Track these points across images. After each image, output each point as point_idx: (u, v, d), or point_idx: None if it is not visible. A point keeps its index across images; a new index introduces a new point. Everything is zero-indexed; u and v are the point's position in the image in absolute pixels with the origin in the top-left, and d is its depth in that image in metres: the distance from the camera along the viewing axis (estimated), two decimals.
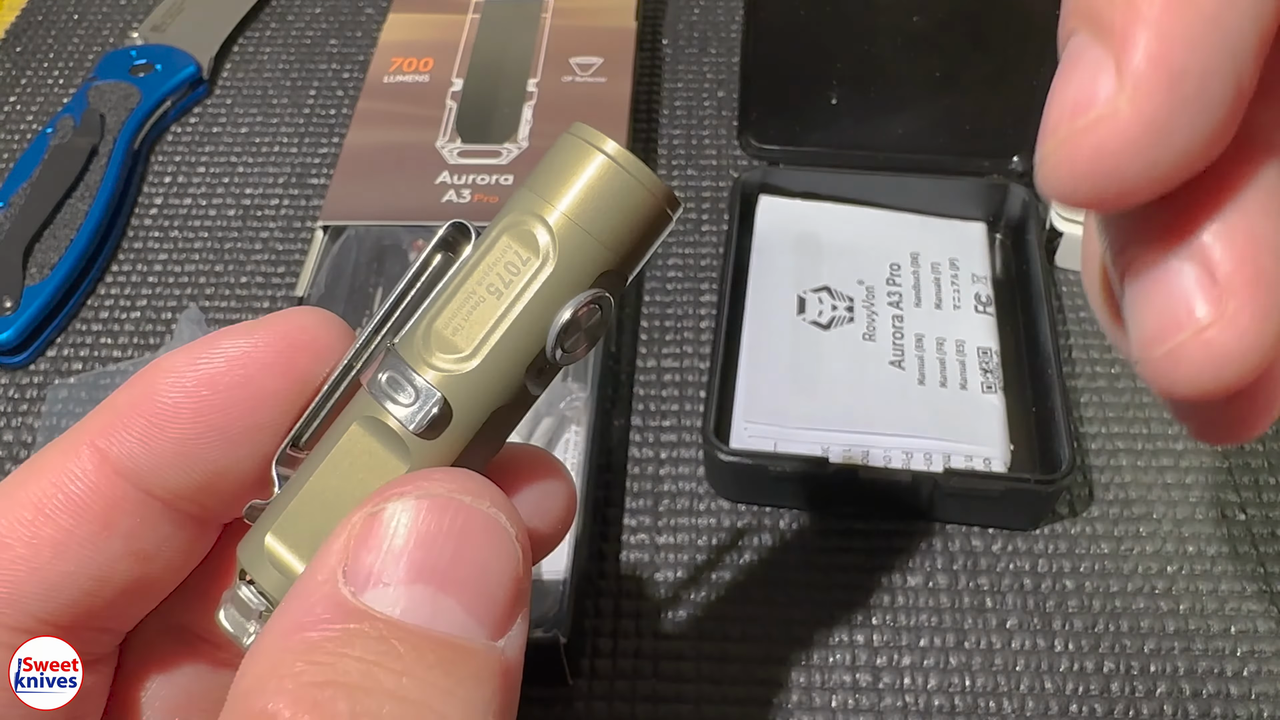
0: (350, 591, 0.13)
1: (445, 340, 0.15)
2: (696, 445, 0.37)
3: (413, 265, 0.16)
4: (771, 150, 0.43)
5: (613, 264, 0.16)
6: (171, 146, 0.47)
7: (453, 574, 0.14)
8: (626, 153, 0.16)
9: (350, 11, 0.53)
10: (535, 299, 0.15)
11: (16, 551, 0.15)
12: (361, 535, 0.14)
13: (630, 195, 0.15)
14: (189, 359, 0.16)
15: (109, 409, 0.16)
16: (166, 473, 0.16)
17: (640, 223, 0.16)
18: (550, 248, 0.15)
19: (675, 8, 0.53)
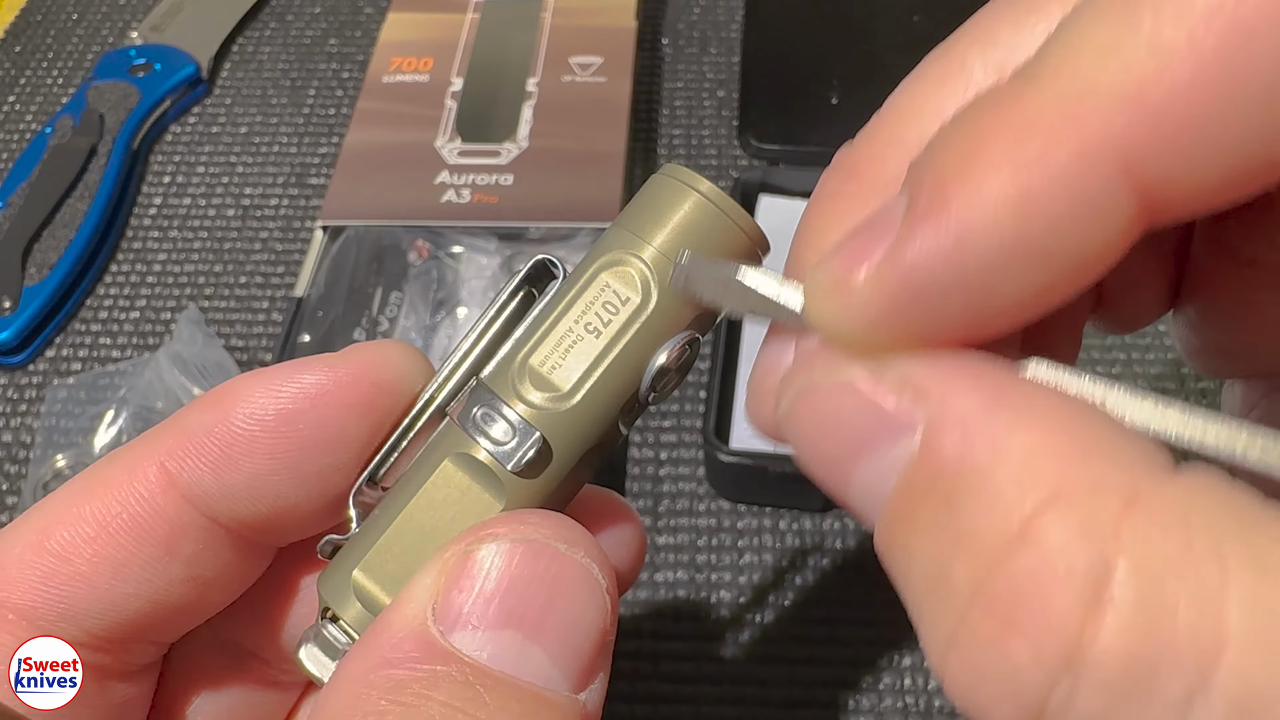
0: (439, 631, 0.13)
1: (541, 377, 0.15)
2: (696, 445, 0.37)
3: (497, 299, 0.16)
4: (771, 150, 0.43)
5: (707, 305, 0.15)
6: (171, 146, 0.47)
7: (543, 623, 0.13)
8: (722, 193, 0.15)
9: (350, 11, 0.53)
10: (634, 339, 0.15)
11: (77, 568, 0.15)
12: (454, 574, 0.14)
13: (725, 236, 0.15)
14: (268, 390, 0.16)
15: (180, 429, 0.16)
16: (234, 503, 0.16)
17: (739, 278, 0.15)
18: (650, 288, 0.15)
19: (675, 8, 0.52)
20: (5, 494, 0.37)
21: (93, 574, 0.15)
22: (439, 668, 0.13)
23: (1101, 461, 0.10)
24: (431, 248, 0.40)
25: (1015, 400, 0.11)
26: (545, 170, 0.42)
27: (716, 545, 0.34)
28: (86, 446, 0.37)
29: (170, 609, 0.16)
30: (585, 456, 0.15)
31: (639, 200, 0.16)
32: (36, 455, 0.37)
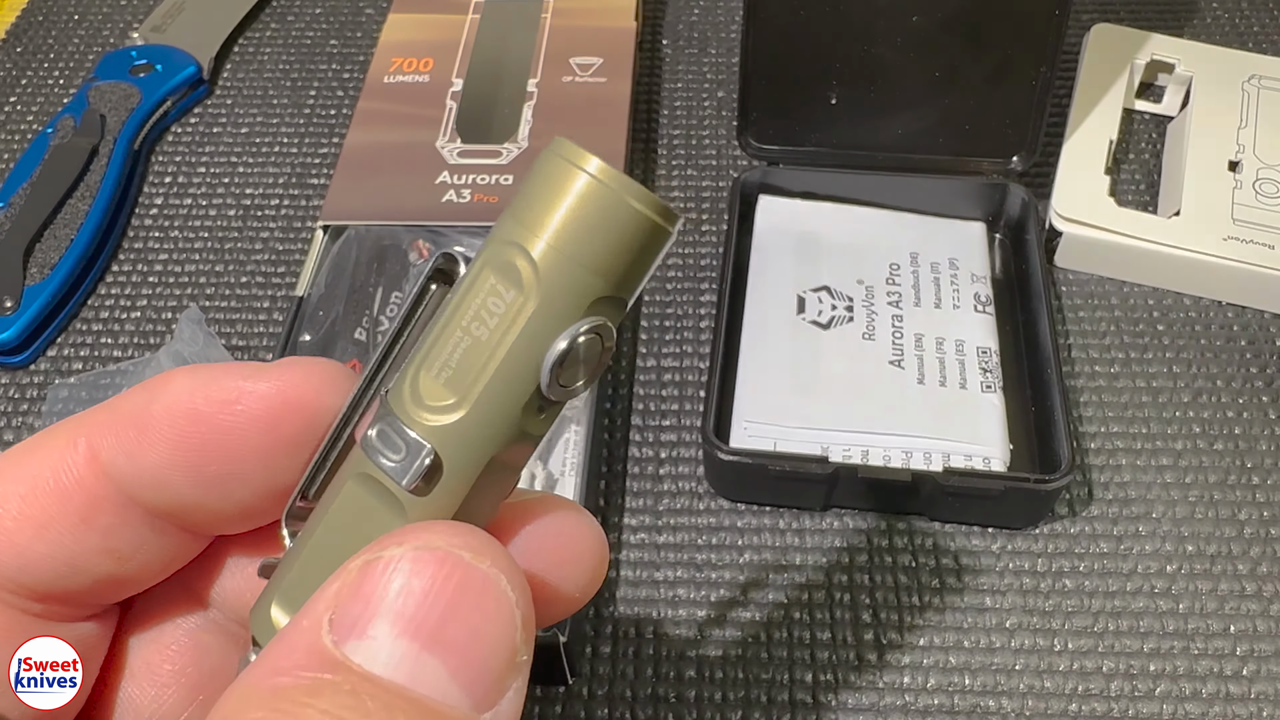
0: (332, 640, 0.13)
1: (432, 388, 0.14)
2: (696, 445, 0.37)
3: (405, 303, 0.15)
4: (771, 150, 0.43)
5: (606, 290, 0.14)
6: (172, 147, 0.47)
7: (441, 634, 0.13)
8: (610, 169, 0.14)
9: (350, 11, 0.53)
10: (522, 337, 0.14)
11: (3, 524, 0.16)
12: (354, 584, 0.13)
13: (618, 214, 0.14)
14: (190, 386, 0.16)
15: (110, 408, 0.16)
16: (143, 487, 0.16)
17: (632, 242, 0.14)
18: (533, 280, 0.14)
19: (675, 8, 0.53)
20: None
21: (16, 530, 0.16)
22: (325, 676, 0.12)
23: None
24: (432, 248, 0.40)
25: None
26: None
27: (716, 545, 0.34)
28: None
29: (89, 577, 0.16)
30: (491, 465, 0.15)
31: (525, 183, 0.15)
32: None
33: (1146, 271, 0.41)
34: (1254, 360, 0.39)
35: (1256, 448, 0.36)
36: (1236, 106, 0.44)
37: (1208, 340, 0.39)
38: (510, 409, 0.14)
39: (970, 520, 0.34)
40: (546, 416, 0.15)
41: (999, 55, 0.40)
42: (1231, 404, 0.37)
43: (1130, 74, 0.46)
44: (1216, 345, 0.39)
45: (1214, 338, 0.39)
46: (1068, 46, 0.43)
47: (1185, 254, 0.39)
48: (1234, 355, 0.39)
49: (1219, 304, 0.40)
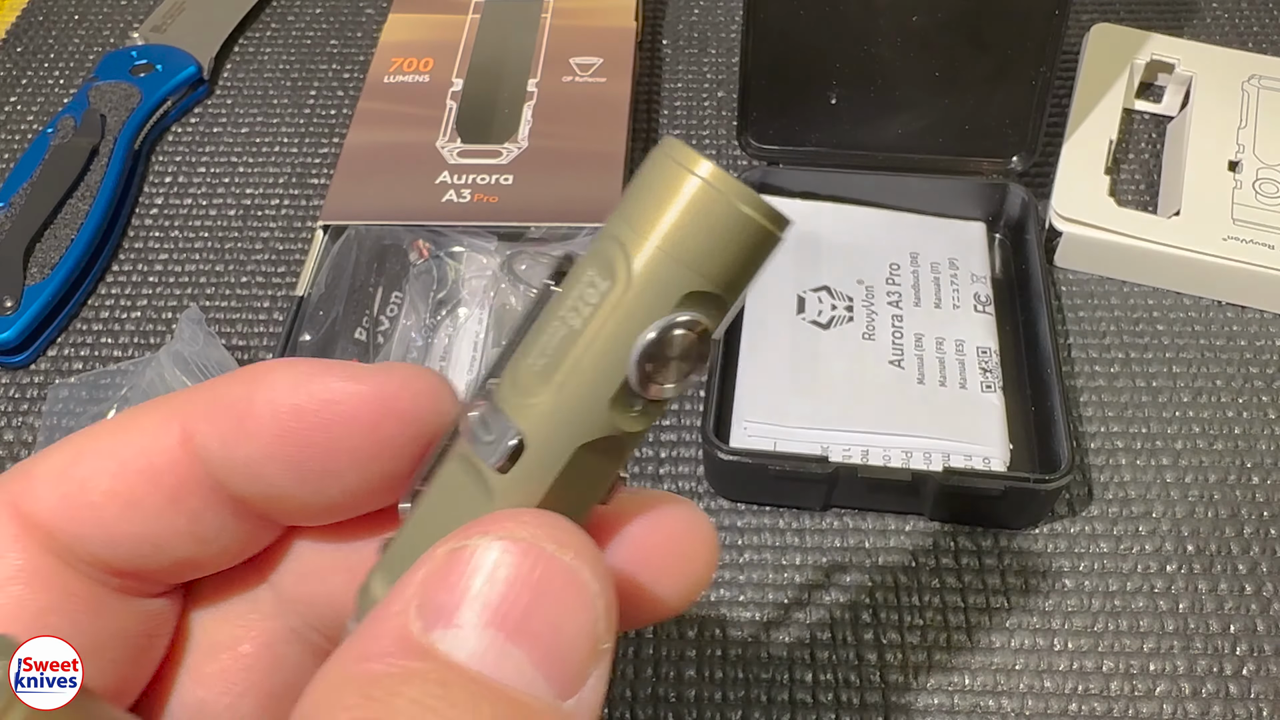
0: (420, 628, 0.13)
1: (527, 375, 0.15)
2: (696, 445, 0.37)
3: (529, 303, 0.15)
4: (771, 150, 0.43)
5: (702, 285, 0.14)
6: (172, 146, 0.47)
7: (525, 625, 0.13)
8: (724, 174, 0.14)
9: (350, 12, 0.53)
10: (610, 325, 0.14)
11: (92, 499, 0.16)
12: (441, 571, 0.13)
13: (716, 210, 0.14)
14: (292, 382, 0.16)
15: (209, 395, 0.16)
16: (237, 476, 0.16)
17: (735, 243, 0.14)
18: (626, 271, 0.14)
19: (675, 8, 0.53)
20: None
21: (104, 505, 0.16)
22: (413, 664, 0.13)
23: None
24: (432, 248, 0.40)
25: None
26: (545, 170, 0.42)
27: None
28: None
29: (169, 556, 0.17)
30: (579, 455, 0.15)
31: (635, 183, 0.15)
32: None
33: (1146, 271, 0.41)
34: (1254, 360, 0.39)
35: (1256, 448, 0.36)
36: (1236, 106, 0.44)
37: (1208, 340, 0.39)
38: (596, 399, 0.14)
39: (970, 520, 0.34)
40: (640, 415, 0.15)
41: (999, 55, 0.40)
42: (1231, 404, 0.37)
43: (1130, 74, 0.46)
44: (1216, 345, 0.39)
45: (1214, 338, 0.39)
46: (1068, 46, 0.43)
47: (1185, 254, 0.39)
48: (1234, 355, 0.39)
49: (1219, 304, 0.40)
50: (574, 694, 0.13)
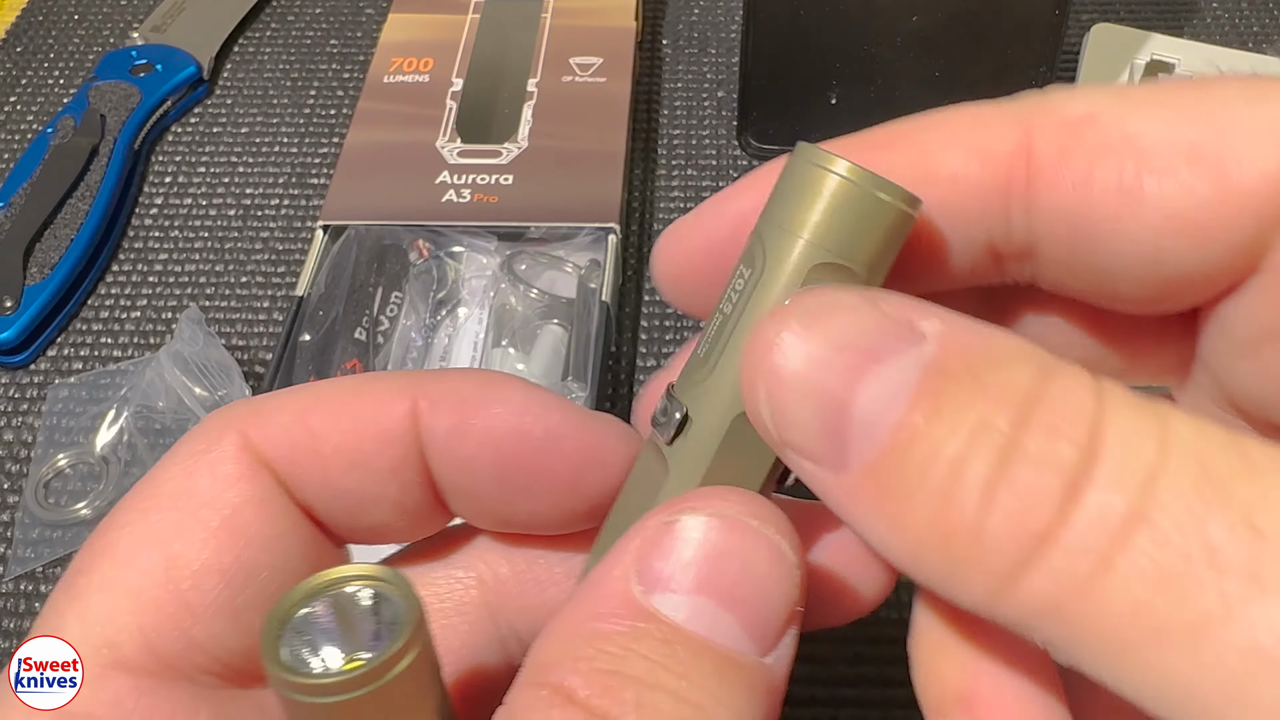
0: (641, 591, 0.14)
1: (694, 362, 0.16)
2: None
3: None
4: (771, 150, 0.43)
5: (825, 257, 0.15)
6: (172, 146, 0.47)
7: (734, 592, 0.14)
8: (859, 168, 0.15)
9: (350, 11, 0.53)
10: (751, 303, 0.16)
11: (321, 450, 0.17)
12: (654, 540, 0.14)
13: (874, 211, 0.15)
14: (524, 404, 0.18)
15: (445, 383, 0.18)
16: (446, 465, 0.18)
17: (853, 217, 0.15)
18: (762, 255, 0.16)
19: (675, 8, 0.53)
20: (6, 493, 0.37)
21: (331, 460, 0.17)
22: (640, 624, 0.14)
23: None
24: (432, 247, 0.40)
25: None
26: (545, 170, 0.42)
27: None
28: (88, 446, 0.37)
29: (370, 520, 0.18)
30: (737, 424, 0.16)
31: (776, 189, 0.16)
32: (38, 454, 0.37)
33: None
34: None
35: None
36: None
37: None
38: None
39: None
40: None
41: (999, 55, 0.40)
42: None
43: (1130, 74, 0.46)
44: None
45: None
46: (1068, 46, 0.43)
47: None
48: None
49: None
50: (773, 652, 0.15)
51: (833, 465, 0.14)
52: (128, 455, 0.36)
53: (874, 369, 0.13)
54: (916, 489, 0.13)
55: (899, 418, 0.13)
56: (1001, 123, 0.16)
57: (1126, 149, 0.14)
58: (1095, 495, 0.12)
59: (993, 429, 0.12)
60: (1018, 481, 0.12)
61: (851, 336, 0.13)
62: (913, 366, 0.13)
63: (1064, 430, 0.12)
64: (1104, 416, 0.12)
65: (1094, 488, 0.12)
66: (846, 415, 0.13)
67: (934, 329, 0.13)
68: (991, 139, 0.16)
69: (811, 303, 0.14)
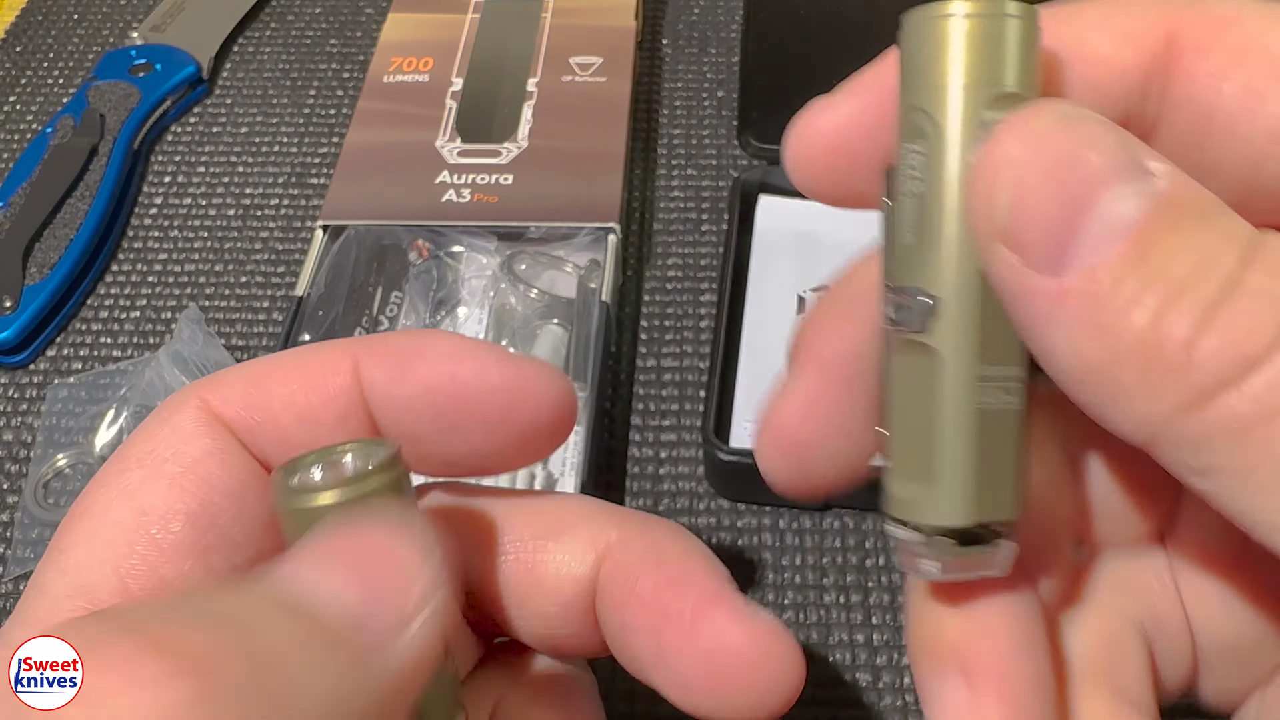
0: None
1: (906, 252, 0.16)
2: (696, 445, 0.37)
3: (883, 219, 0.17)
4: (771, 150, 0.43)
5: (997, 91, 0.15)
6: (171, 146, 0.47)
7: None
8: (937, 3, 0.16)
9: (350, 11, 0.53)
10: (945, 169, 0.15)
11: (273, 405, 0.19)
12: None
13: (960, 29, 0.15)
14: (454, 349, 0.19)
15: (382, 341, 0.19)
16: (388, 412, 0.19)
17: (995, 44, 0.15)
18: (929, 120, 0.15)
19: (675, 8, 0.53)
20: (6, 493, 0.37)
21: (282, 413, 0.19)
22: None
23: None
24: (432, 247, 0.40)
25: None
26: (545, 170, 0.42)
27: (716, 544, 0.34)
28: (87, 446, 0.37)
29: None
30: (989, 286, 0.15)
31: (906, 61, 0.16)
32: (37, 455, 0.37)
33: None
34: None
35: None
36: None
37: None
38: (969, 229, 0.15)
39: None
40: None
41: None
42: None
43: None
44: None
45: None
46: None
47: None
48: None
49: None
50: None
51: (1049, 267, 0.14)
52: None
53: (1116, 182, 0.13)
54: (1136, 302, 0.13)
55: (1137, 229, 0.13)
56: (1151, 10, 0.16)
57: (1262, 55, 0.15)
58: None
59: (1220, 263, 0.13)
60: (1240, 309, 0.13)
61: (1099, 146, 0.14)
62: (1149, 193, 0.13)
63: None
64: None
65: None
66: (1084, 218, 0.13)
67: (1162, 170, 0.14)
68: (1141, 26, 0.16)
69: (1054, 109, 0.14)
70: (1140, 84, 0.16)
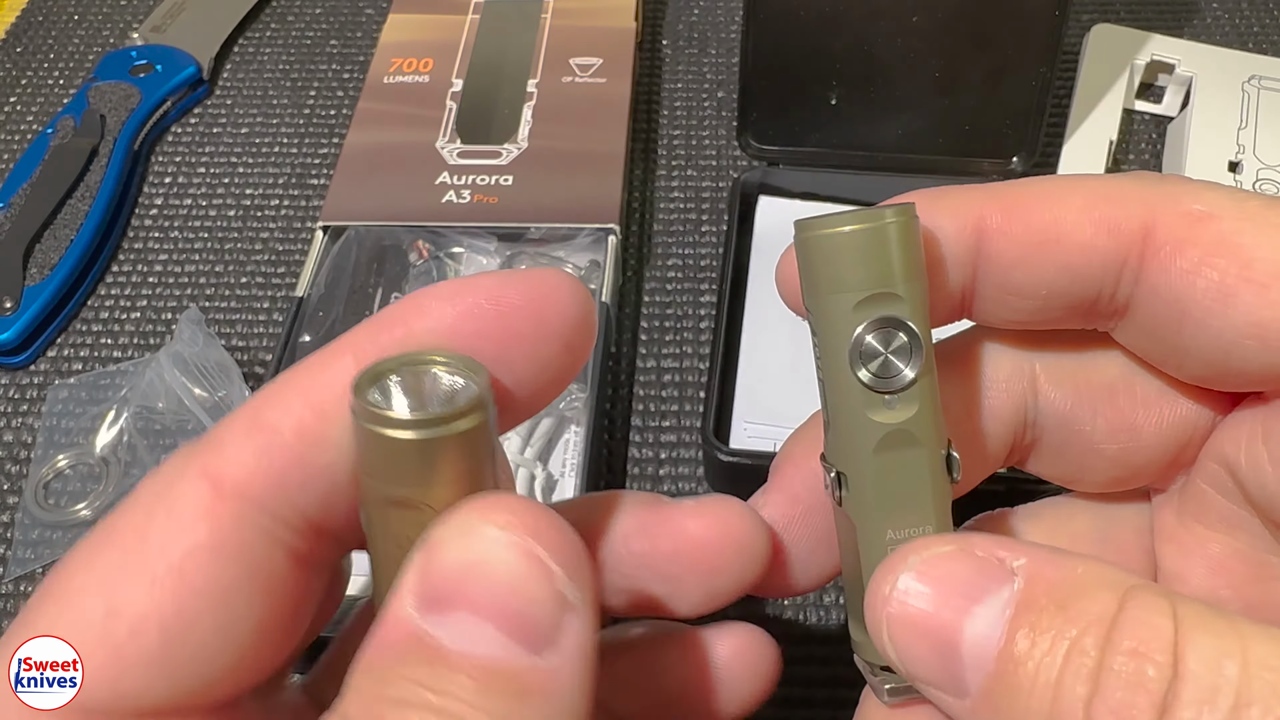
0: (415, 616, 0.15)
1: (826, 427, 0.19)
2: (696, 445, 0.37)
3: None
4: (771, 150, 0.43)
5: (857, 296, 0.17)
6: (171, 147, 0.47)
7: (490, 601, 0.15)
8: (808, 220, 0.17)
9: (350, 12, 0.53)
10: (826, 369, 0.18)
11: (285, 439, 0.17)
12: (420, 566, 0.15)
13: (815, 244, 0.17)
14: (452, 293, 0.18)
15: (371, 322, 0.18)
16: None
17: (853, 254, 0.17)
18: (815, 322, 0.18)
19: (675, 8, 0.53)
20: (6, 494, 0.37)
21: (295, 444, 0.17)
22: (408, 649, 0.15)
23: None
24: (432, 248, 0.40)
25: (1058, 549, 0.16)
26: (545, 171, 0.42)
27: None
28: (88, 446, 0.37)
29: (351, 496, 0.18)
30: (879, 458, 0.18)
31: (799, 267, 0.18)
32: (38, 455, 0.37)
33: None
34: None
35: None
36: (1237, 107, 0.44)
37: None
38: (854, 412, 0.18)
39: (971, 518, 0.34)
40: (901, 405, 0.18)
41: (999, 55, 0.40)
42: None
43: (1130, 74, 0.46)
44: None
45: None
46: (1068, 46, 0.43)
47: None
48: None
49: None
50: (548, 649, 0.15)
51: (955, 692, 0.15)
52: (128, 456, 0.36)
53: (974, 608, 0.15)
54: (1026, 709, 0.14)
55: (1000, 648, 0.15)
56: (1130, 202, 0.17)
57: (1234, 256, 0.16)
58: (1185, 713, 0.13)
59: (1083, 652, 0.14)
60: (1111, 699, 0.14)
61: (952, 582, 0.16)
62: (1007, 603, 0.15)
63: (1146, 652, 0.14)
64: (1183, 637, 0.14)
65: (1183, 706, 0.13)
66: (958, 649, 0.15)
67: (1022, 565, 0.15)
68: (1121, 216, 0.17)
69: (912, 556, 0.16)
70: (1115, 270, 0.18)
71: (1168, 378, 0.19)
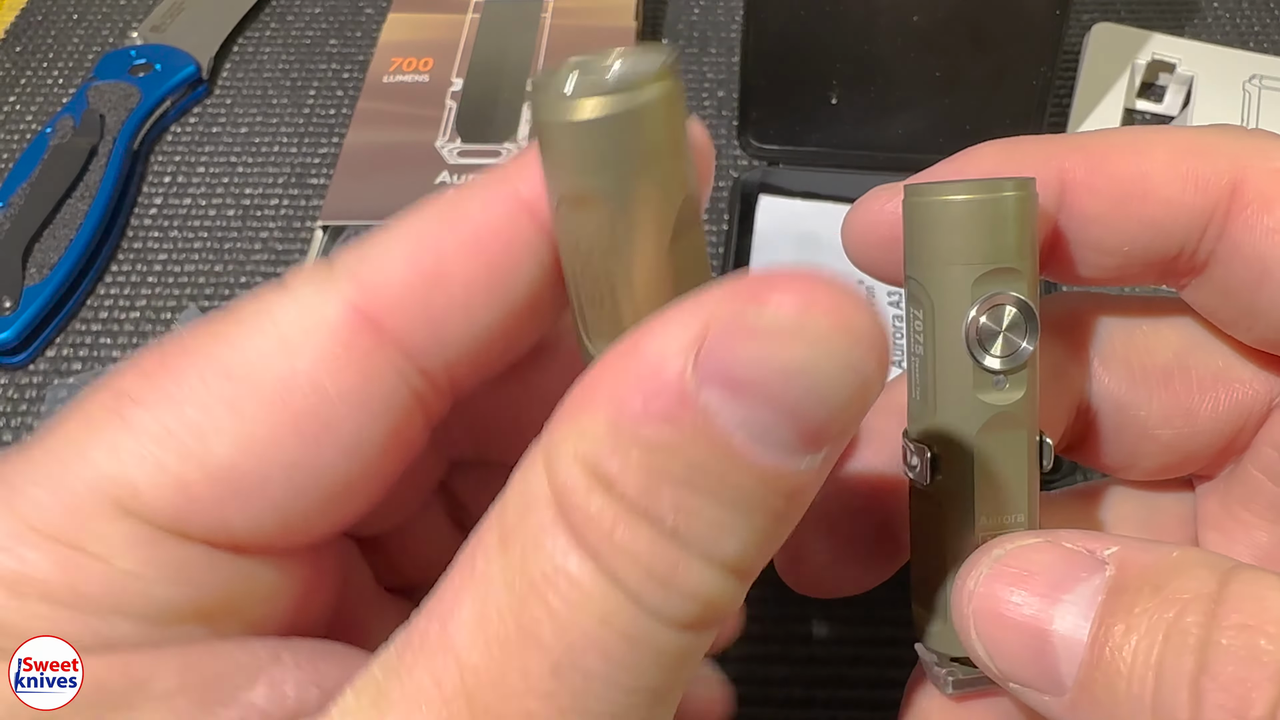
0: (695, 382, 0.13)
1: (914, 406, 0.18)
2: None
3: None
4: (771, 150, 0.43)
5: (980, 269, 0.16)
6: (171, 146, 0.47)
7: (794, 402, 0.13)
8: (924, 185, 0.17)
9: (350, 11, 0.53)
10: (937, 341, 0.17)
11: (451, 291, 0.16)
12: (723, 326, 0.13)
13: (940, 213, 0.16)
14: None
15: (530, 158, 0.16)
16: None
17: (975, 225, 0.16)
18: (925, 292, 0.17)
19: (675, 8, 0.53)
20: None
21: (462, 294, 0.16)
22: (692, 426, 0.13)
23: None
24: None
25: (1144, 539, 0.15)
26: None
27: None
28: None
29: (509, 328, 0.16)
30: (983, 440, 0.17)
31: (906, 233, 0.17)
32: None
33: None
34: None
35: None
36: (1237, 106, 0.44)
37: None
38: (963, 392, 0.17)
39: None
40: (1010, 386, 0.17)
41: (1000, 55, 0.40)
42: None
43: (1131, 74, 0.46)
44: None
45: None
46: (1068, 46, 0.43)
47: None
48: None
49: None
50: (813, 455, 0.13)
51: (1052, 689, 0.15)
52: None
53: (1063, 598, 0.14)
54: (1128, 694, 0.13)
55: (1094, 634, 0.14)
56: (1218, 156, 0.17)
57: None
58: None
59: (1185, 631, 0.13)
60: (1222, 675, 0.13)
61: (1042, 574, 0.15)
62: (1098, 589, 0.14)
63: (1258, 625, 0.13)
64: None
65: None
66: (1049, 643, 0.14)
67: (1113, 554, 0.15)
68: (1209, 171, 0.17)
69: (997, 549, 0.15)
70: (1199, 226, 0.17)
71: (1229, 353, 0.19)
